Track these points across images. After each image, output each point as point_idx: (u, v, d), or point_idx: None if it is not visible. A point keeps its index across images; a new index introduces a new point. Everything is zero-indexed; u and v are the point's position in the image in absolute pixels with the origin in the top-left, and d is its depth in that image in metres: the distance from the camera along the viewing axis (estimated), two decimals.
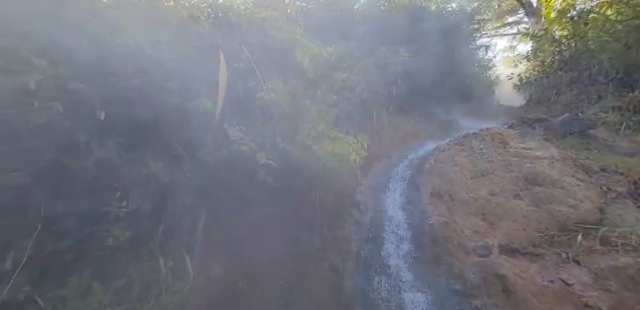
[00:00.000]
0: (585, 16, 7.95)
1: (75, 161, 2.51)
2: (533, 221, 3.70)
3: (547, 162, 4.30)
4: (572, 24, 8.19)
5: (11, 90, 2.05)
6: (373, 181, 6.46)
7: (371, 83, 7.00)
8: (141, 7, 2.76)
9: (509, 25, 17.94)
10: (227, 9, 4.14)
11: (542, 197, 3.87)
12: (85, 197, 2.69)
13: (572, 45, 8.11)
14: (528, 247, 3.58)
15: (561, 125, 5.43)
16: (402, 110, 8.63)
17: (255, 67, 4.09)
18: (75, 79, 2.41)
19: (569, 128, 5.39)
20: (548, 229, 3.58)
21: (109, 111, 2.73)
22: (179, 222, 3.66)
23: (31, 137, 2.16)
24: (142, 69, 3.12)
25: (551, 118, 5.91)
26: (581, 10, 8.31)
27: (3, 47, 2.00)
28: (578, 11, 8.36)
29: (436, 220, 4.66)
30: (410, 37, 9.53)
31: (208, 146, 3.77)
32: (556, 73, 7.92)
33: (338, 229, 5.09)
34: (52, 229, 2.34)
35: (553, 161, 4.28)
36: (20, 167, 2.09)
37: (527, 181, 4.14)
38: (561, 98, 7.49)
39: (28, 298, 2.08)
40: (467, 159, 5.07)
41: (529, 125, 5.80)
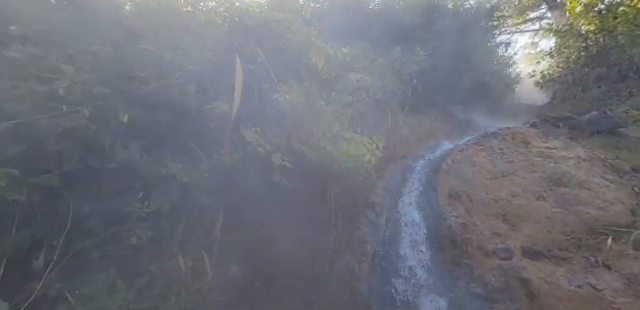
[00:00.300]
0: (614, 9, 7.55)
1: (100, 163, 2.61)
2: (558, 223, 3.56)
3: (573, 162, 4.12)
4: (600, 18, 7.80)
5: (42, 96, 2.16)
6: (388, 182, 6.39)
7: (386, 83, 6.93)
8: (162, 14, 2.84)
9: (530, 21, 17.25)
10: (243, 13, 4.20)
11: (568, 198, 3.72)
12: (109, 198, 2.80)
13: (600, 40, 7.72)
14: (553, 250, 3.45)
15: (588, 123, 5.17)
16: (418, 110, 8.49)
17: (270, 69, 4.13)
18: (100, 84, 2.51)
19: (597, 126, 5.13)
20: (575, 232, 3.43)
21: (131, 114, 2.82)
22: (197, 222, 3.73)
23: (60, 140, 2.26)
24: (162, 73, 3.21)
25: (577, 116, 5.64)
26: (610, 3, 7.89)
27: (35, 55, 2.11)
28: (607, 4, 7.96)
29: (454, 221, 4.56)
30: (426, 36, 9.36)
31: (224, 147, 3.83)
32: (582, 69, 7.53)
33: (353, 230, 5.07)
34: (80, 229, 2.44)
35: (579, 161, 4.10)
36: (50, 169, 2.20)
37: (551, 182, 3.98)
38: (587, 95, 7.14)
39: (59, 295, 2.18)
40: (486, 159, 4.94)
41: (553, 124, 5.57)
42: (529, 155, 4.50)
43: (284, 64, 4.61)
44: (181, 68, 3.29)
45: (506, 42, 11.88)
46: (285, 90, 4.24)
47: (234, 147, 3.87)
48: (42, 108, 2.18)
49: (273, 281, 4.00)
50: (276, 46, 4.53)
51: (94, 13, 2.59)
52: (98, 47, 2.52)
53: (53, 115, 2.22)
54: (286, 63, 4.62)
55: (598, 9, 8.00)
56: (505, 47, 11.74)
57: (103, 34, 2.64)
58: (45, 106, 2.19)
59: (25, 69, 2.07)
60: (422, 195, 5.80)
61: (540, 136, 4.98)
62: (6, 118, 2.03)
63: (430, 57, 8.30)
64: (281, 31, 4.53)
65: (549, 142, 4.75)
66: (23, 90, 2.06)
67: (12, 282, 2.02)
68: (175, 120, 3.38)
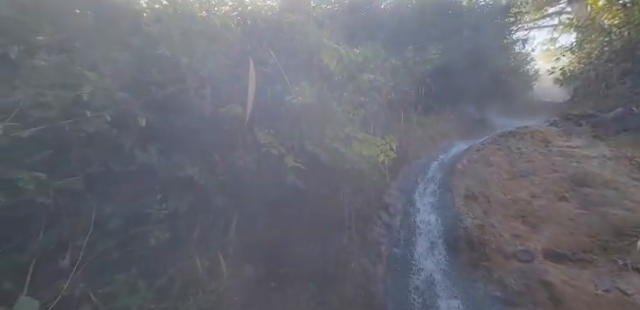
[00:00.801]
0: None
1: (120, 166, 2.69)
2: (582, 225, 3.43)
3: (597, 161, 3.96)
4: (624, 11, 7.46)
5: (67, 102, 2.24)
6: (402, 183, 6.32)
7: (398, 83, 6.86)
8: (179, 20, 2.91)
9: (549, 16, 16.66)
10: (255, 16, 4.25)
11: (593, 199, 3.58)
12: (129, 200, 2.88)
13: (624, 34, 7.38)
14: (577, 253, 3.33)
15: (613, 121, 4.94)
16: (432, 109, 8.35)
17: (282, 71, 4.16)
18: (120, 89, 2.59)
19: (622, 124, 4.89)
20: (600, 234, 3.30)
21: (149, 118, 2.90)
22: (213, 224, 3.79)
23: (83, 145, 2.34)
24: (178, 77, 3.29)
25: (601, 114, 5.40)
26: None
27: (60, 63, 2.19)
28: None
29: (471, 223, 4.46)
30: (440, 34, 9.20)
31: (239, 150, 3.87)
32: (605, 65, 7.20)
33: (367, 231, 5.03)
34: (102, 230, 2.51)
35: (604, 160, 3.94)
36: (74, 173, 2.28)
37: (574, 182, 3.84)
38: (612, 92, 6.82)
39: (83, 294, 2.25)
40: (504, 159, 4.81)
41: (575, 122, 5.35)
42: (549, 154, 4.35)
43: (296, 65, 4.63)
44: (197, 72, 3.36)
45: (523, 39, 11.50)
46: (297, 91, 4.26)
47: (248, 149, 3.91)
48: (67, 114, 2.26)
49: (288, 282, 4.02)
50: (288, 48, 4.56)
51: (114, 20, 2.67)
52: (119, 53, 2.60)
53: (77, 120, 2.30)
54: (298, 64, 4.63)
55: (622, 2, 7.67)
56: (522, 44, 11.40)
57: (123, 40, 2.72)
58: (70, 112, 2.28)
59: (51, 77, 2.15)
60: (437, 196, 5.70)
61: (561, 135, 4.81)
62: (33, 124, 2.11)
63: (444, 56, 8.15)
64: (293, 33, 4.56)
65: (571, 141, 4.58)
66: (50, 97, 2.14)
67: (41, 281, 2.10)
68: (191, 123, 3.45)
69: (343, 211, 5.06)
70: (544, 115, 8.27)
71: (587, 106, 6.69)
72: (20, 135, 2.02)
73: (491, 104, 10.04)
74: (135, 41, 2.76)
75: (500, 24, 10.17)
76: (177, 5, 3.38)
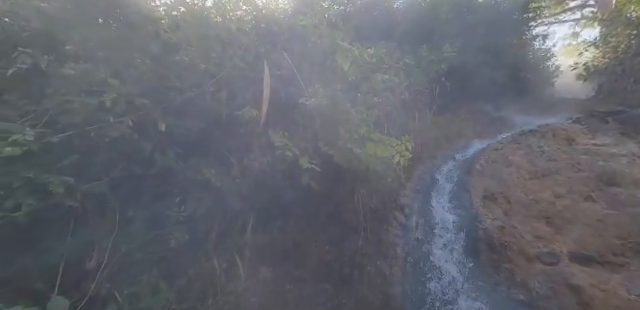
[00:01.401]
0: None
1: (141, 170, 2.77)
2: (612, 226, 3.28)
3: (626, 160, 3.78)
4: None
5: (92, 108, 2.33)
6: (417, 183, 6.22)
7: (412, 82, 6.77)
8: (196, 26, 2.98)
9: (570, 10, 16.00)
10: (269, 19, 4.30)
11: (622, 199, 3.41)
12: (150, 202, 2.96)
13: None
14: (606, 255, 3.18)
15: None
16: (447, 108, 8.19)
17: (296, 73, 4.18)
18: (141, 95, 2.67)
19: None
20: (632, 235, 3.14)
21: (168, 123, 2.97)
22: (230, 226, 3.85)
23: (108, 149, 2.43)
24: (195, 82, 3.36)
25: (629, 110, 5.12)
26: None
27: (87, 71, 2.28)
28: None
29: (491, 224, 4.34)
30: (455, 32, 9.01)
31: (254, 152, 3.91)
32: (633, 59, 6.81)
33: (383, 233, 4.98)
34: (125, 232, 2.60)
35: (634, 158, 3.75)
36: (99, 177, 2.36)
37: (601, 181, 3.68)
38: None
39: (109, 294, 2.33)
40: (524, 158, 4.65)
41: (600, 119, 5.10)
42: (573, 153, 4.18)
43: (310, 67, 4.64)
44: (213, 77, 3.42)
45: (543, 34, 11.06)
46: (311, 93, 4.27)
47: (263, 151, 3.94)
48: (92, 120, 2.35)
49: (303, 284, 4.03)
50: (302, 50, 4.58)
51: (134, 28, 2.76)
52: (139, 60, 2.68)
53: (101, 126, 2.39)
54: (312, 66, 4.65)
55: None
56: (542, 39, 10.97)
57: (143, 47, 2.80)
58: (94, 117, 2.37)
59: (78, 84, 2.24)
60: (454, 196, 5.58)
61: (586, 132, 4.61)
62: (61, 130, 2.21)
63: (459, 54, 7.98)
64: (307, 35, 4.58)
65: (597, 138, 4.38)
66: (76, 104, 2.23)
67: (69, 282, 2.19)
68: (207, 127, 3.52)
69: (358, 212, 5.03)
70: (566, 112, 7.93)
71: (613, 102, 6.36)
72: (50, 141, 2.12)
73: (509, 102, 9.73)
74: (154, 48, 2.85)
75: (518, 20, 9.84)
76: (194, 12, 3.46)
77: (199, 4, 3.76)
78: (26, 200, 1.95)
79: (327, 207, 4.92)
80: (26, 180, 1.96)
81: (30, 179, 1.98)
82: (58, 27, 2.28)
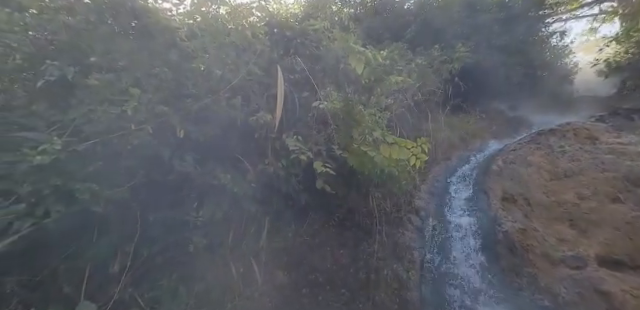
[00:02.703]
0: None
1: (161, 176, 2.82)
2: None
3: None
4: None
5: (114, 117, 2.40)
6: (432, 185, 6.13)
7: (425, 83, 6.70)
8: (212, 33, 3.05)
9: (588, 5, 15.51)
10: (282, 25, 4.34)
11: None
12: (169, 208, 3.02)
13: None
14: (637, 260, 3.04)
15: None
16: (461, 109, 8.06)
17: (310, 77, 4.20)
18: (160, 103, 2.74)
19: None
20: None
21: (186, 129, 3.03)
22: (246, 230, 3.88)
23: (129, 156, 2.49)
24: (211, 88, 3.42)
25: None
26: None
27: (109, 81, 2.36)
28: None
29: (511, 227, 4.23)
30: (467, 31, 8.88)
31: (268, 157, 3.94)
32: None
33: (398, 236, 4.93)
34: (146, 236, 2.65)
35: None
36: (122, 183, 2.42)
37: (628, 182, 3.53)
38: None
39: (131, 298, 2.38)
40: (544, 159, 4.52)
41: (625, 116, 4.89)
42: (597, 152, 4.02)
43: (323, 71, 4.66)
44: (228, 83, 3.47)
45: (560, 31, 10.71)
46: (324, 96, 4.28)
47: (277, 156, 3.97)
48: (114, 128, 2.42)
49: (319, 288, 4.01)
50: (315, 54, 4.60)
51: (153, 38, 2.84)
52: (159, 69, 2.75)
53: (123, 134, 2.46)
54: (325, 70, 4.66)
55: None
56: (560, 36, 10.63)
57: (162, 56, 2.88)
58: (117, 126, 2.44)
59: (101, 94, 2.32)
60: (471, 198, 5.47)
61: (610, 131, 4.43)
62: (86, 139, 2.28)
63: (473, 53, 7.85)
64: (319, 39, 4.60)
65: (622, 137, 4.20)
66: (100, 113, 2.30)
67: (95, 286, 2.25)
68: (222, 132, 3.56)
69: (373, 215, 5.00)
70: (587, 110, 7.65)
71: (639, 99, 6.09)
72: (76, 149, 2.19)
73: (526, 101, 9.48)
74: (172, 56, 2.92)
75: (534, 17, 9.60)
76: (209, 20, 3.53)
77: (213, 12, 3.84)
78: (55, 207, 2.02)
79: (341, 210, 4.91)
80: (55, 187, 2.04)
81: (58, 186, 2.05)
82: (82, 39, 2.37)
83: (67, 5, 2.44)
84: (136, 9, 2.79)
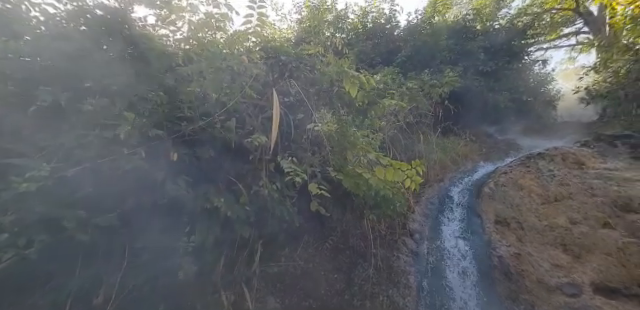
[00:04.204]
0: None
1: (152, 200, 2.75)
2: (634, 255, 3.16)
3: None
4: None
5: (106, 141, 2.36)
6: (426, 207, 6.12)
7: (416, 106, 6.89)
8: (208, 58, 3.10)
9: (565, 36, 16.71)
10: (277, 50, 4.47)
11: None
12: (159, 233, 2.91)
13: None
14: (632, 287, 3.04)
15: None
16: (451, 131, 8.25)
17: (305, 100, 4.27)
18: (155, 126, 2.72)
19: None
20: None
21: (179, 152, 3.00)
22: (238, 255, 3.75)
23: (120, 181, 2.43)
24: (206, 112, 3.43)
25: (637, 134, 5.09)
26: None
27: (103, 105, 2.35)
28: None
29: (506, 251, 4.21)
30: (456, 57, 9.32)
31: (263, 179, 3.90)
32: (635, 84, 6.92)
33: (393, 260, 4.84)
34: (134, 265, 2.53)
35: None
36: (111, 209, 2.35)
37: (617, 207, 3.59)
38: None
39: None
40: (534, 182, 4.59)
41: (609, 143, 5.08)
42: (585, 177, 4.12)
43: (317, 94, 4.76)
44: (224, 106, 3.50)
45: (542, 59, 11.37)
46: (319, 119, 4.33)
47: (272, 178, 3.94)
48: (106, 152, 2.38)
49: None
50: (309, 77, 4.72)
51: (149, 63, 2.87)
52: (154, 93, 2.77)
53: (115, 158, 2.42)
54: (319, 93, 4.76)
55: None
56: (542, 64, 11.34)
57: (157, 81, 2.90)
58: (108, 150, 2.40)
59: (94, 118, 2.29)
60: (464, 221, 5.47)
61: (595, 156, 4.57)
62: (76, 164, 2.23)
63: (461, 78, 8.17)
64: (313, 63, 4.74)
65: (608, 163, 4.33)
66: (91, 137, 2.27)
67: None
68: (217, 155, 3.54)
69: (367, 238, 4.93)
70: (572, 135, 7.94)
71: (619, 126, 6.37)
72: (65, 175, 2.13)
73: (513, 125, 9.81)
74: (168, 81, 2.94)
75: (517, 46, 10.19)
76: (205, 45, 3.62)
77: (209, 38, 3.94)
78: (39, 236, 1.92)
79: (336, 233, 4.83)
80: (40, 215, 1.95)
81: (44, 214, 1.96)
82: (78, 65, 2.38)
83: (63, 32, 2.47)
84: (133, 36, 2.84)
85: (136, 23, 2.96)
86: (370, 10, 11.10)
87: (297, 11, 11.00)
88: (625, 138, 5.02)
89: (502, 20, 11.77)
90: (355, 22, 11.05)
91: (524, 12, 13.79)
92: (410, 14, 11.22)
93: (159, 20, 3.22)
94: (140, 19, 3.06)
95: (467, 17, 10.76)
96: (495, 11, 12.33)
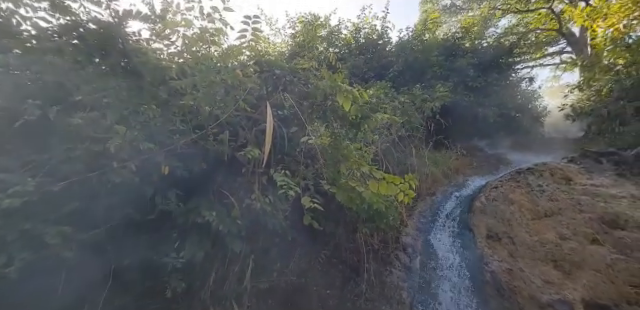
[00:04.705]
0: None
1: (141, 215, 2.69)
2: (622, 272, 3.19)
3: (627, 202, 3.79)
4: (629, 52, 7.67)
5: (95, 155, 2.32)
6: (419, 221, 6.12)
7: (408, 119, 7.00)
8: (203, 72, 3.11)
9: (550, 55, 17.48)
10: (271, 64, 4.53)
11: (628, 243, 3.36)
12: (147, 249, 2.83)
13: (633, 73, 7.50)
14: (621, 305, 3.05)
15: (636, 159, 4.77)
16: (443, 145, 8.37)
17: (299, 113, 4.30)
18: (146, 139, 2.69)
19: None
20: None
21: (171, 165, 2.96)
22: (228, 270, 3.66)
23: (108, 196, 2.38)
24: (199, 124, 3.42)
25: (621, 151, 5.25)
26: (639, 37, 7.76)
27: (93, 119, 2.32)
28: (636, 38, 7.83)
29: (497, 266, 4.20)
30: (446, 73, 9.59)
31: (255, 192, 3.87)
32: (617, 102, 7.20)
33: (386, 275, 4.79)
34: (119, 283, 2.44)
35: (634, 200, 3.77)
36: (98, 224, 2.28)
37: (604, 223, 3.65)
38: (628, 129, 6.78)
39: None
40: (525, 197, 4.65)
41: (594, 159, 5.22)
42: (573, 193, 4.20)
43: (311, 107, 4.80)
44: (217, 119, 3.50)
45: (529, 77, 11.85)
46: (312, 132, 4.35)
47: (264, 191, 3.90)
48: (95, 166, 2.33)
49: None
50: (303, 91, 4.76)
51: (142, 76, 2.87)
52: (146, 106, 2.75)
53: (104, 172, 2.37)
54: (313, 106, 4.80)
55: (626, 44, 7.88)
56: (529, 81, 11.78)
57: (150, 94, 2.89)
58: (97, 164, 2.35)
59: (83, 132, 2.26)
60: (457, 235, 5.46)
61: (582, 172, 4.67)
62: (63, 178, 2.17)
63: (452, 93, 8.39)
64: (307, 77, 4.80)
65: (594, 179, 4.43)
66: (80, 151, 2.23)
67: None
68: (209, 168, 3.51)
69: (360, 253, 4.88)
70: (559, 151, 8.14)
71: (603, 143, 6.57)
72: (51, 189, 2.07)
73: (503, 140, 10.03)
74: (161, 94, 2.94)
75: (505, 63, 10.57)
76: (198, 59, 3.64)
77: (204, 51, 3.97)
78: (21, 254, 1.84)
79: (329, 247, 4.77)
80: (22, 232, 1.88)
81: (27, 231, 1.89)
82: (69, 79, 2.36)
83: (55, 46, 2.46)
84: (127, 50, 2.84)
85: (130, 37, 2.97)
86: (362, 26, 11.42)
87: (291, 26, 11.23)
88: (610, 155, 5.17)
89: (490, 39, 12.29)
90: (348, 37, 11.34)
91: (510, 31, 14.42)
92: (401, 31, 11.58)
93: (153, 34, 3.24)
94: (134, 33, 3.07)
95: (456, 35, 11.19)
96: (483, 30, 12.86)
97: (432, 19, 11.05)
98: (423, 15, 14.70)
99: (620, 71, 7.64)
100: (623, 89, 7.11)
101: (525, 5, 15.44)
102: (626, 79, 7.28)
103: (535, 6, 15.40)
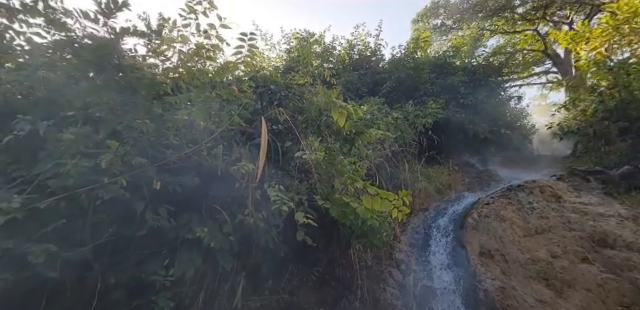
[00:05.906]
0: (626, 67, 7.62)
1: (130, 231, 2.62)
2: (613, 292, 3.19)
3: (615, 220, 3.85)
4: (612, 74, 7.88)
5: (86, 170, 2.28)
6: (412, 236, 6.09)
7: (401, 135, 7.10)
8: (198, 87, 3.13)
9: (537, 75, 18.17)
10: (266, 79, 4.60)
11: (618, 262, 3.39)
12: (134, 266, 2.74)
13: (616, 95, 7.69)
14: None
15: (622, 178, 4.89)
16: (435, 161, 8.46)
17: (293, 128, 4.33)
18: (138, 154, 2.66)
19: (632, 182, 4.82)
20: (635, 303, 3.05)
21: (162, 180, 2.92)
22: (219, 288, 3.55)
23: (97, 212, 2.32)
24: (193, 139, 3.41)
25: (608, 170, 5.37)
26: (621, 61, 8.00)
27: (85, 134, 2.29)
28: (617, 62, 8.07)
29: (490, 285, 4.18)
30: (438, 90, 9.84)
31: (248, 207, 3.82)
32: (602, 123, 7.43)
33: (379, 292, 4.71)
34: (105, 303, 2.34)
35: (622, 219, 3.84)
36: (85, 242, 2.21)
37: (594, 242, 3.69)
38: (613, 148, 6.95)
39: None
40: (516, 214, 4.69)
41: (582, 177, 5.33)
42: (563, 211, 4.25)
43: (305, 122, 4.84)
44: (211, 133, 3.49)
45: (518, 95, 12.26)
46: (307, 146, 4.37)
47: (258, 206, 3.86)
48: (84, 182, 2.28)
49: None
50: (298, 106, 4.82)
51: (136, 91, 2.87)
52: (140, 121, 2.73)
53: (94, 187, 2.32)
54: (307, 121, 4.85)
55: (609, 66, 8.10)
56: (518, 99, 12.11)
57: (145, 109, 2.88)
58: (87, 179, 2.30)
59: (74, 147, 2.23)
60: (450, 252, 5.44)
61: (571, 190, 4.76)
62: (50, 194, 2.12)
63: (444, 109, 8.58)
64: (302, 92, 4.87)
65: (582, 197, 4.51)
66: (69, 166, 2.19)
67: None
68: (202, 182, 3.46)
69: (353, 269, 4.81)
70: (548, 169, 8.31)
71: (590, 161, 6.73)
72: (37, 206, 2.02)
73: (493, 156, 10.22)
74: (156, 109, 2.93)
75: (494, 82, 10.95)
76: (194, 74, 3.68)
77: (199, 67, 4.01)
78: (2, 274, 1.77)
79: (321, 263, 4.69)
80: (4, 251, 1.81)
81: (9, 250, 1.82)
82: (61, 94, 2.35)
83: (48, 61, 2.46)
84: (122, 65, 2.85)
85: (126, 53, 3.00)
86: (356, 43, 11.75)
87: (286, 42, 11.49)
88: (597, 174, 5.30)
89: (479, 58, 12.74)
90: (342, 54, 11.63)
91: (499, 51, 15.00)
92: (394, 48, 11.99)
93: (150, 50, 3.27)
94: (130, 50, 3.10)
95: (447, 53, 11.59)
96: (473, 49, 13.35)
97: (424, 38, 11.43)
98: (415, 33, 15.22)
99: (604, 92, 7.92)
100: (607, 110, 7.36)
101: (512, 26, 16.17)
102: (610, 100, 7.55)
103: (521, 28, 16.14)
